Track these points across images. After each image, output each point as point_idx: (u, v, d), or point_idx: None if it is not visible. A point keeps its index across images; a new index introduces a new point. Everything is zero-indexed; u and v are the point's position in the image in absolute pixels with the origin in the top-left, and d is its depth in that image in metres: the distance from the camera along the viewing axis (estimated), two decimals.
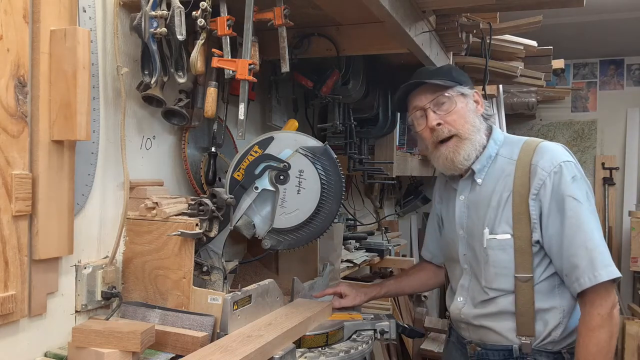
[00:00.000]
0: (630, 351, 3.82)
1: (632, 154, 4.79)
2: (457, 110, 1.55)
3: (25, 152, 1.13)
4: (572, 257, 1.46)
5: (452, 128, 1.55)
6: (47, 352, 1.22)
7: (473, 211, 1.60)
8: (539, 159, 1.51)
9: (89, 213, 1.34)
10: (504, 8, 1.95)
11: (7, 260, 1.09)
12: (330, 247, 1.92)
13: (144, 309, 1.35)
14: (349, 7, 1.61)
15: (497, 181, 1.56)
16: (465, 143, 1.55)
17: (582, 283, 1.44)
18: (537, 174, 1.50)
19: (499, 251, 1.53)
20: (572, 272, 1.46)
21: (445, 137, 1.56)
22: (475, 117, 1.58)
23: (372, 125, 2.46)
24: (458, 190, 1.65)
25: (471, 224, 1.60)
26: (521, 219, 1.50)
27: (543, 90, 4.53)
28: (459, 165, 1.58)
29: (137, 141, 1.49)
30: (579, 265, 1.44)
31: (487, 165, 1.59)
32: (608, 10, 3.63)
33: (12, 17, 1.10)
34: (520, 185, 1.51)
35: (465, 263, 1.63)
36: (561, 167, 1.49)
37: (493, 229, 1.54)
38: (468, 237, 1.62)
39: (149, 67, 1.38)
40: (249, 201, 1.54)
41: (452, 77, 1.58)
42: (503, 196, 1.53)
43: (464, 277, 1.64)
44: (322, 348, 1.48)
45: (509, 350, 1.55)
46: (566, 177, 1.48)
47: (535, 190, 1.49)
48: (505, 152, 1.59)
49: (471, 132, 1.55)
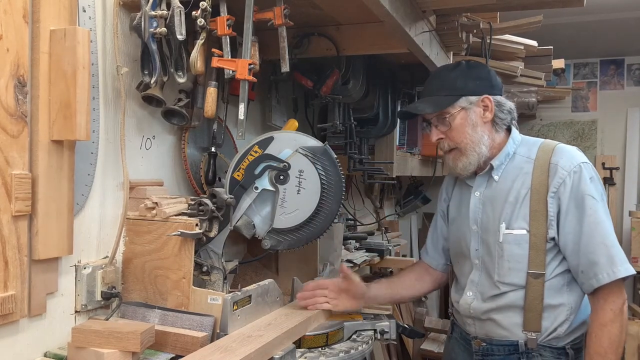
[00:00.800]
0: (630, 351, 3.82)
1: (633, 154, 4.78)
2: (456, 126, 1.60)
3: (25, 152, 1.13)
4: (591, 253, 1.49)
5: (451, 142, 1.62)
6: (46, 352, 1.22)
7: (489, 207, 1.63)
8: (559, 158, 1.55)
9: (89, 213, 1.34)
10: (504, 8, 1.95)
11: (6, 260, 1.09)
12: (330, 247, 1.92)
13: (143, 309, 1.35)
14: (349, 6, 1.61)
15: (514, 178, 1.59)
16: (464, 155, 1.61)
17: (600, 279, 1.47)
18: (557, 173, 1.53)
19: (515, 246, 1.55)
20: (590, 269, 1.49)
21: (447, 150, 1.65)
22: (475, 129, 1.60)
23: (372, 125, 2.46)
24: (474, 186, 1.67)
25: (486, 219, 1.63)
26: (538, 215, 1.53)
27: (543, 90, 4.52)
28: (461, 172, 1.64)
29: (137, 141, 1.49)
30: (598, 261, 1.48)
31: (504, 163, 1.63)
32: (608, 10, 3.63)
33: (12, 17, 1.09)
34: (539, 183, 1.54)
35: (477, 258, 1.65)
36: (581, 167, 1.53)
37: (510, 224, 1.56)
38: (482, 233, 1.63)
39: (148, 67, 1.38)
40: (249, 201, 1.54)
41: (455, 89, 1.61)
42: (521, 193, 1.57)
43: (474, 272, 1.66)
44: (322, 348, 1.48)
45: (515, 345, 1.57)
46: (585, 177, 1.52)
47: (555, 189, 1.52)
48: (523, 152, 1.63)
49: (469, 146, 1.60)
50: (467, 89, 1.61)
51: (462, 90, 1.60)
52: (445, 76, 1.67)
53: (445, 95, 1.61)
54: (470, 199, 1.67)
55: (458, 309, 1.71)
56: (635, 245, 4.24)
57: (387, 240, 3.01)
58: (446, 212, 1.82)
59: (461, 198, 1.74)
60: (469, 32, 2.21)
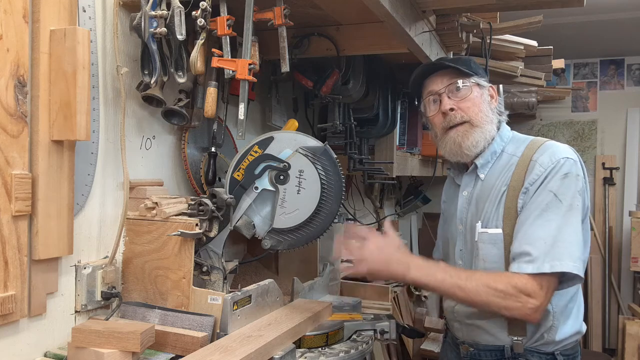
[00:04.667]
0: (630, 351, 3.82)
1: (633, 154, 4.78)
2: (472, 98, 1.54)
3: (25, 152, 1.13)
4: (527, 244, 1.38)
5: (464, 114, 1.53)
6: (46, 352, 1.22)
7: (473, 206, 1.58)
8: (540, 155, 1.48)
9: (89, 213, 1.34)
10: (504, 8, 1.95)
11: (6, 260, 1.09)
12: (330, 247, 1.92)
13: (143, 309, 1.35)
14: (349, 7, 1.61)
15: (498, 176, 1.54)
16: (475, 130, 1.53)
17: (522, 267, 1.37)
18: (534, 169, 1.45)
19: (490, 245, 1.49)
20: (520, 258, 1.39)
21: (457, 123, 1.54)
22: (488, 108, 1.57)
23: (372, 125, 2.46)
24: (461, 185, 1.64)
25: (470, 219, 1.58)
26: (510, 213, 1.47)
27: (543, 90, 4.52)
28: (465, 151, 1.55)
29: (137, 141, 1.49)
30: (531, 252, 1.37)
31: (491, 161, 1.57)
32: (608, 10, 3.63)
33: (12, 17, 1.10)
34: (516, 180, 1.48)
35: (460, 259, 1.61)
36: (559, 162, 1.44)
37: (486, 223, 1.51)
38: (466, 232, 1.60)
39: (148, 67, 1.38)
40: (249, 201, 1.54)
41: (470, 67, 1.57)
42: (500, 190, 1.51)
43: None
44: (322, 348, 1.48)
45: (501, 350, 1.53)
46: (559, 173, 1.43)
47: (528, 185, 1.45)
48: (511, 149, 1.57)
49: (483, 121, 1.54)
50: (479, 73, 1.59)
51: (476, 71, 1.58)
52: (456, 58, 1.66)
53: (464, 68, 1.56)
54: (458, 199, 1.64)
55: (445, 313, 1.69)
56: (635, 245, 4.24)
57: None
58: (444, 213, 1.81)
59: (452, 198, 1.72)
60: (469, 32, 2.21)
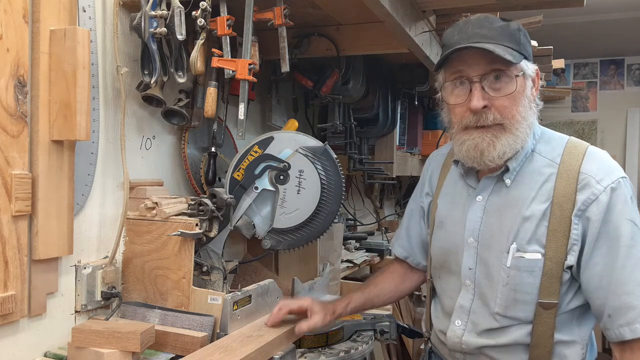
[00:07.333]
0: None
1: (633, 154, 4.78)
2: (513, 95, 1.21)
3: (25, 152, 1.13)
4: (626, 294, 1.17)
5: (498, 115, 1.21)
6: (46, 352, 1.22)
7: (495, 218, 1.29)
8: (589, 165, 1.22)
9: (89, 213, 1.34)
10: (504, 8, 1.95)
11: (6, 260, 1.09)
12: (330, 247, 1.92)
13: (143, 309, 1.35)
14: (349, 7, 1.61)
15: (532, 185, 1.25)
16: (506, 136, 1.22)
17: (636, 330, 1.16)
18: (588, 186, 1.20)
19: (526, 273, 1.23)
20: (622, 314, 1.17)
21: (487, 125, 1.22)
22: (528, 104, 1.25)
23: (372, 125, 2.46)
24: (477, 188, 1.33)
25: (489, 234, 1.29)
26: (557, 237, 1.21)
27: (543, 90, 4.52)
28: (487, 161, 1.24)
29: (137, 141, 1.49)
30: (635, 306, 1.16)
31: (520, 164, 1.28)
32: (608, 10, 3.63)
33: (12, 17, 1.10)
34: (563, 195, 1.21)
35: (469, 279, 1.32)
36: (620, 183, 1.20)
37: (522, 246, 1.23)
38: (481, 249, 1.30)
39: (148, 67, 1.38)
40: (249, 201, 1.54)
41: (518, 45, 1.21)
42: (540, 207, 1.23)
43: (463, 295, 1.33)
44: (322, 348, 1.48)
45: None
46: (625, 196, 1.20)
47: (584, 206, 1.20)
48: (544, 150, 1.28)
49: (519, 124, 1.22)
50: (528, 52, 1.24)
51: (525, 51, 1.23)
52: (505, 26, 1.23)
53: (512, 48, 1.19)
54: (469, 204, 1.33)
55: (445, 341, 1.37)
56: None
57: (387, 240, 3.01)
58: (427, 210, 1.50)
59: (455, 198, 1.39)
60: None
